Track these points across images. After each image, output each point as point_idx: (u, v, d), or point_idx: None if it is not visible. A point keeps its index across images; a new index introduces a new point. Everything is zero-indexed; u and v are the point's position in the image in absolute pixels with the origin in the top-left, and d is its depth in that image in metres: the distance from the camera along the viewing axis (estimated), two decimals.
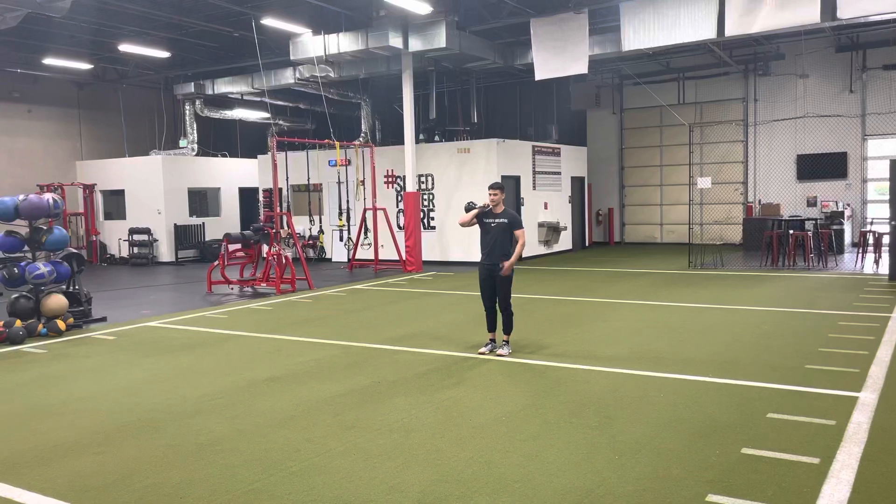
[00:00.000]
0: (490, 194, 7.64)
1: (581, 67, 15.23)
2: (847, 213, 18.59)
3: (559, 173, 20.10)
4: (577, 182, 21.19)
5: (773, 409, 5.55)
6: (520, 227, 7.65)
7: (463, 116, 21.91)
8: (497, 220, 7.61)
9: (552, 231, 19.33)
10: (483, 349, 7.79)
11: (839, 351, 7.48)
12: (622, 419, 5.44)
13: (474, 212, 7.70)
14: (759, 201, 20.30)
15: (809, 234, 15.35)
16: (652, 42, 14.50)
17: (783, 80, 19.90)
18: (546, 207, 19.37)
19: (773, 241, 15.52)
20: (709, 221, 20.25)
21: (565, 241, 20.36)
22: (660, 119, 21.93)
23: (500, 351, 7.68)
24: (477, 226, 7.80)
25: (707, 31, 13.80)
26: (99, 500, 4.23)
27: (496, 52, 17.34)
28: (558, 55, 15.27)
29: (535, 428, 5.29)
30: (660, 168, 22.25)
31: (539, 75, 15.76)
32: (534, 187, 18.81)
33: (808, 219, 16.65)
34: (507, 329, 7.78)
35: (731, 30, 13.55)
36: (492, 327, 7.87)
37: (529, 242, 18.66)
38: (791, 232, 15.58)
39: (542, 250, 19.27)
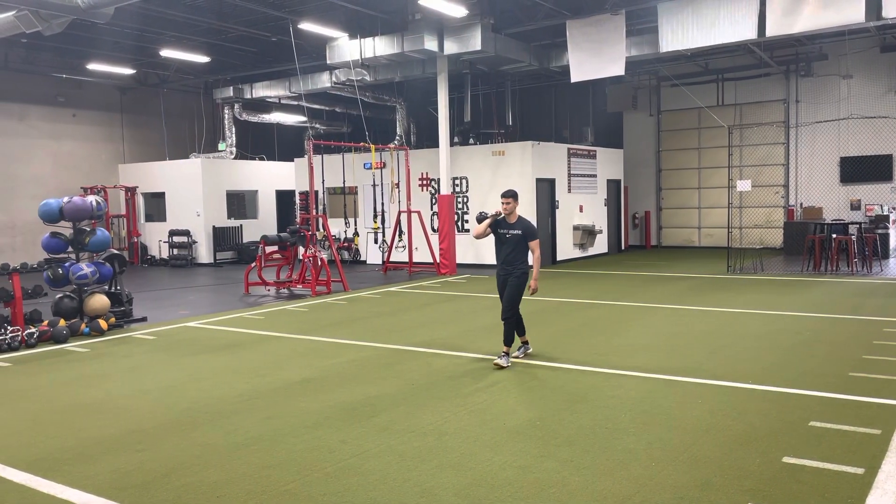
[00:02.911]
0: (503, 203, 7.38)
1: (618, 69, 15.09)
2: (893, 216, 18.10)
3: (595, 176, 19.93)
4: (613, 185, 20.99)
5: (816, 418, 5.42)
6: (535, 237, 7.39)
7: (498, 119, 21.87)
8: (512, 231, 7.38)
9: (587, 234, 19.18)
10: (501, 361, 7.30)
11: (884, 358, 7.28)
12: (659, 425, 5.36)
13: (487, 221, 7.44)
14: (801, 205, 19.88)
15: (853, 238, 14.97)
16: (690, 43, 14.29)
17: (826, 80, 19.46)
18: (581, 210, 19.22)
19: (815, 245, 15.18)
20: (748, 225, 19.89)
21: (601, 245, 20.17)
22: (698, 121, 21.62)
23: (516, 353, 7.62)
24: (493, 236, 7.59)
25: (747, 32, 13.55)
26: (138, 497, 4.30)
27: (531, 55, 17.27)
28: (594, 57, 15.15)
29: (570, 433, 5.24)
30: (698, 171, 21.93)
31: (575, 77, 15.66)
32: (569, 190, 18.69)
33: (852, 223, 16.25)
34: (521, 331, 7.64)
35: (772, 30, 13.29)
36: (508, 340, 7.43)
37: (564, 245, 18.55)
38: (834, 236, 15.21)
39: (577, 253, 19.12)
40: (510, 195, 7.40)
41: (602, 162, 20.31)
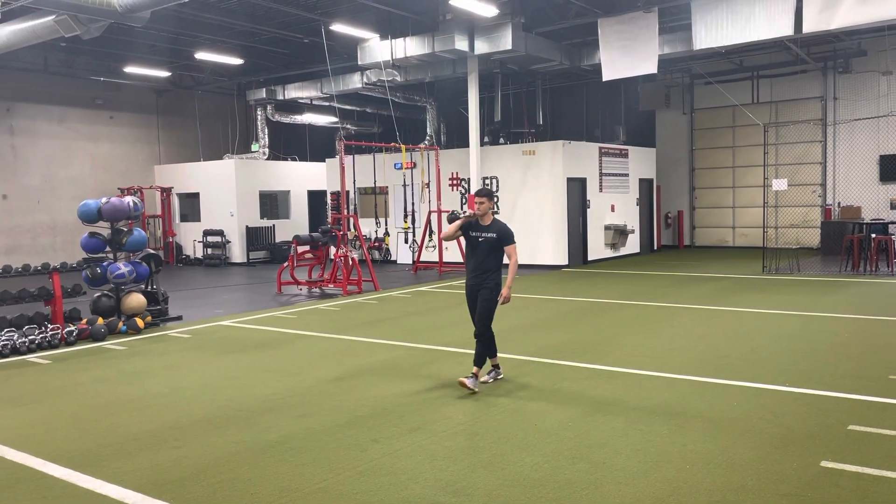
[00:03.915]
0: (476, 202, 6.57)
1: (650, 67, 14.94)
2: None
3: (627, 175, 19.76)
4: (645, 184, 20.79)
5: (855, 421, 5.31)
6: (511, 241, 6.54)
7: (528, 118, 21.80)
8: (485, 235, 6.52)
9: (619, 234, 19.02)
10: (468, 381, 6.39)
11: None
12: (693, 428, 5.30)
13: (458, 222, 6.61)
14: (839, 204, 19.46)
15: (893, 237, 14.62)
16: (724, 40, 14.10)
17: (865, 77, 19.03)
18: (613, 210, 19.06)
19: (853, 245, 14.87)
20: (784, 225, 19.54)
21: (633, 244, 19.99)
22: (732, 119, 21.30)
23: (485, 377, 6.68)
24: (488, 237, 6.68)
25: (783, 28, 13.32)
26: (175, 493, 4.38)
27: (562, 53, 17.18)
28: (627, 55, 15.02)
29: (603, 434, 5.20)
30: (732, 169, 21.61)
31: (607, 76, 15.54)
32: (600, 189, 18.55)
33: (892, 222, 15.87)
34: (492, 353, 6.74)
35: (809, 26, 13.05)
36: (480, 359, 6.59)
37: (595, 245, 18.41)
38: (873, 236, 14.87)
39: (609, 253, 18.97)
40: (484, 194, 6.58)
41: (634, 161, 20.13)
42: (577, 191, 17.73)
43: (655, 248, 21.50)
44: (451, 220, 7.06)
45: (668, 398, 6.09)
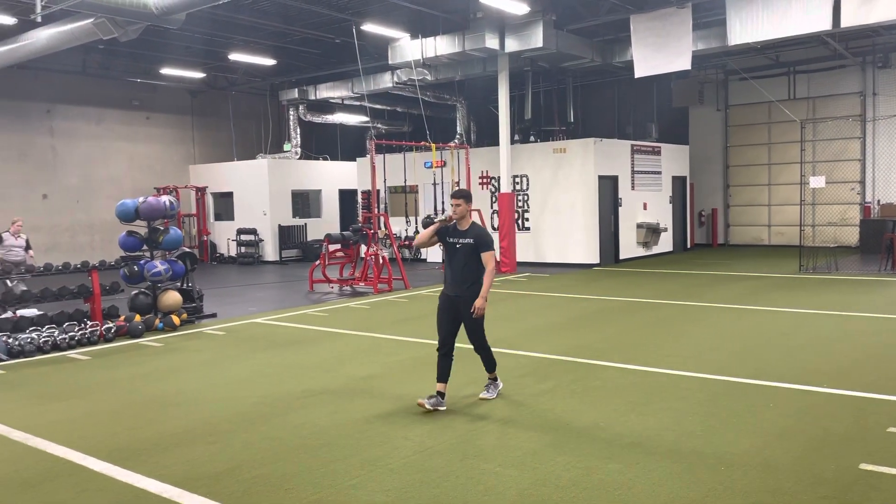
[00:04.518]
0: (452, 205, 6.04)
1: (684, 63, 14.73)
2: None
3: (659, 173, 19.55)
4: (678, 182, 20.55)
5: (895, 423, 5.20)
6: (488, 248, 5.93)
7: (559, 116, 21.67)
8: (462, 241, 5.96)
9: (651, 232, 18.82)
10: (425, 401, 5.86)
11: None
12: (728, 429, 5.23)
13: (433, 227, 6.06)
14: (878, 201, 19.02)
15: None
16: (760, 35, 13.84)
17: None
18: (645, 208, 18.87)
19: (893, 243, 14.51)
20: (822, 223, 19.14)
21: (665, 243, 19.77)
22: (768, 115, 20.94)
23: (483, 394, 6.26)
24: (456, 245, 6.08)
25: (821, 23, 13.04)
26: (210, 488, 4.45)
27: (594, 51, 17.05)
28: (659, 51, 14.84)
29: (635, 435, 5.16)
30: (768, 167, 21.25)
31: (639, 73, 15.37)
32: (632, 187, 18.38)
33: None
34: (489, 366, 6.31)
35: (847, 20, 12.75)
36: (443, 376, 5.99)
37: (627, 243, 18.25)
38: None
39: (641, 252, 18.79)
40: (461, 196, 6.01)
41: (667, 158, 19.90)
42: (608, 189, 17.59)
43: (689, 246, 21.24)
44: (426, 226, 6.67)
45: (702, 399, 6.01)
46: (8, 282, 10.02)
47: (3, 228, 18.71)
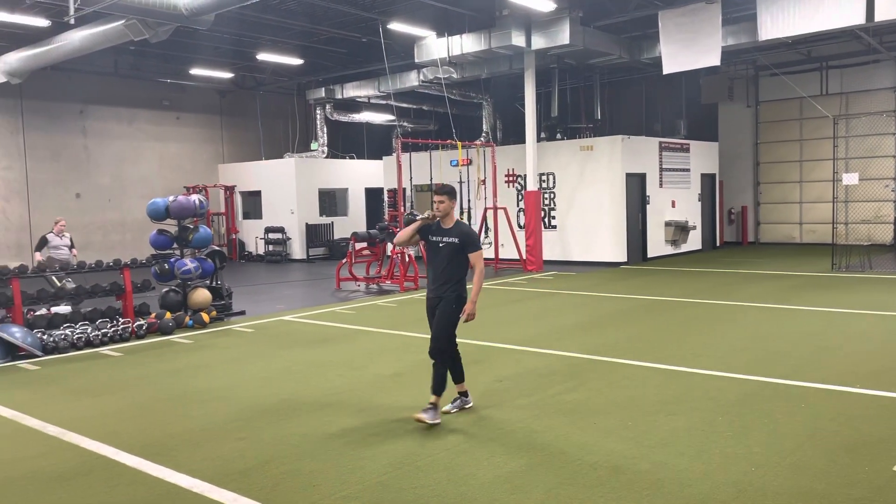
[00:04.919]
0: (435, 202, 5.63)
1: (713, 59, 14.55)
2: None
3: (688, 170, 19.33)
4: (707, 179, 20.30)
5: None
6: (475, 248, 5.61)
7: (586, 113, 21.54)
8: (446, 239, 5.59)
9: (680, 230, 18.63)
10: (424, 415, 5.44)
11: None
12: (759, 429, 5.16)
13: (414, 225, 5.69)
14: None
15: None
16: (791, 30, 13.62)
17: None
18: (673, 206, 18.68)
19: None
20: (855, 220, 18.77)
21: (694, 241, 19.55)
22: (799, 111, 20.60)
23: (447, 406, 5.77)
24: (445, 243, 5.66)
25: (854, 17, 12.78)
26: (239, 483, 4.50)
27: (621, 47, 16.91)
28: (688, 47, 14.67)
29: (664, 435, 5.12)
30: (799, 164, 20.90)
31: (667, 69, 15.21)
32: (660, 185, 18.20)
33: None
34: (455, 375, 5.77)
35: (882, 13, 12.49)
36: (439, 387, 5.58)
37: (655, 241, 18.08)
38: None
39: (669, 250, 18.61)
40: (444, 191, 5.64)
41: (696, 155, 19.68)
42: (636, 186, 17.44)
43: (718, 244, 20.98)
44: (407, 223, 6.36)
45: (732, 399, 5.94)
46: (56, 280, 10.24)
47: (38, 227, 19.17)
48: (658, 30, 15.04)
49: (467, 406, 5.87)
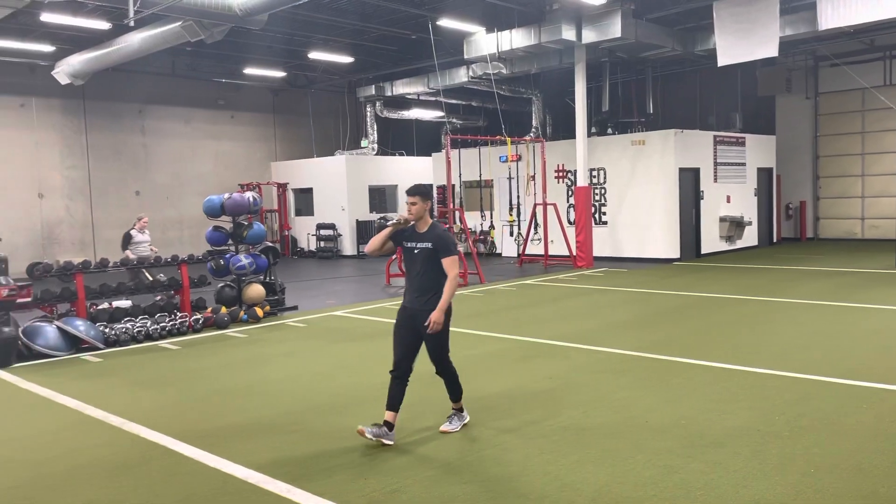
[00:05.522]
0: (407, 203, 5.18)
1: (770, 50, 14.16)
2: None
3: (744, 164, 18.87)
4: (763, 173, 19.78)
5: None
6: (449, 253, 5.11)
7: (638, 107, 21.19)
8: (421, 245, 5.15)
9: (735, 226, 18.21)
10: (367, 430, 5.01)
11: None
12: (817, 430, 5.02)
13: (385, 231, 5.22)
14: None
15: None
16: (853, 19, 13.15)
17: None
18: (728, 201, 18.26)
19: None
20: None
21: (750, 237, 19.09)
22: (861, 103, 19.89)
23: (445, 426, 5.35)
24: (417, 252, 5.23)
25: None
26: (292, 475, 4.59)
27: (674, 39, 16.59)
28: (744, 39, 14.29)
29: (719, 434, 5.02)
30: (861, 157, 20.19)
31: (722, 61, 14.86)
32: (715, 179, 17.82)
33: None
34: (455, 394, 5.42)
35: None
36: (394, 404, 5.13)
37: (710, 237, 17.71)
38: None
39: (724, 246, 18.21)
40: (417, 192, 5.18)
41: (752, 149, 19.19)
42: (689, 181, 17.11)
43: (775, 240, 20.43)
44: (380, 228, 5.86)
45: (789, 399, 5.79)
46: (148, 274, 10.59)
47: (100, 225, 19.85)
48: (713, 21, 14.70)
49: (465, 421, 5.44)
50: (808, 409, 5.49)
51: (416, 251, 5.17)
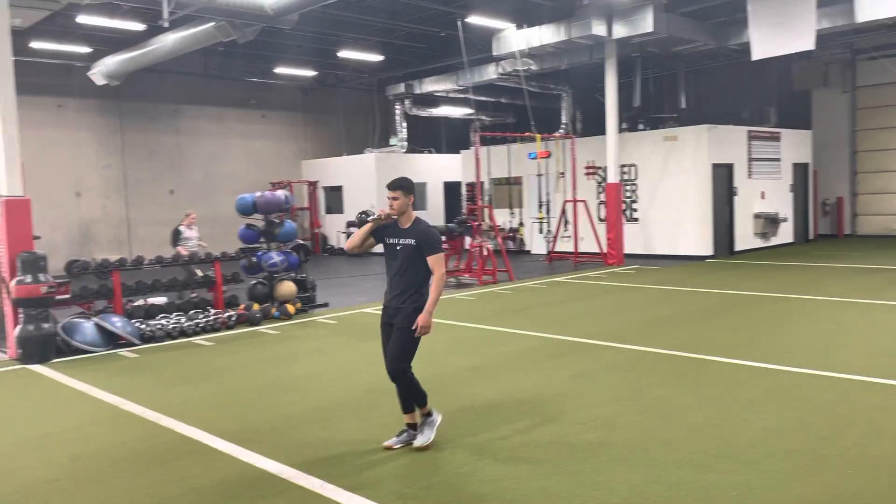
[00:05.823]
0: (389, 198, 5.00)
1: (806, 44, 13.88)
2: None
3: (778, 160, 18.54)
4: (799, 169, 19.42)
5: None
6: (435, 250, 4.89)
7: (669, 103, 20.92)
8: (403, 241, 4.94)
9: (770, 223, 17.92)
10: (393, 442, 4.97)
11: None
12: (857, 431, 4.92)
13: (366, 227, 5.02)
14: None
15: None
16: (892, 10, 12.85)
17: None
18: (763, 197, 17.97)
19: None
20: None
21: (785, 234, 18.76)
22: None
23: (417, 441, 4.96)
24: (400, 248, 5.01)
25: None
26: (325, 471, 4.63)
27: (707, 33, 16.34)
28: (779, 32, 14.03)
29: (754, 434, 4.95)
30: None
31: (756, 55, 14.60)
32: (749, 175, 17.54)
33: None
34: (415, 402, 5.01)
35: None
36: (407, 406, 5.02)
37: (744, 234, 17.45)
38: None
39: (759, 243, 17.92)
40: (399, 186, 4.99)
41: (787, 144, 18.85)
42: (722, 177, 16.87)
43: (811, 237, 20.06)
44: (360, 223, 5.44)
45: (827, 398, 5.68)
46: (198, 270, 10.76)
47: (135, 223, 20.20)
48: (746, 14, 14.45)
49: (433, 425, 5.05)
50: (846, 410, 5.39)
51: (398, 247, 4.95)
